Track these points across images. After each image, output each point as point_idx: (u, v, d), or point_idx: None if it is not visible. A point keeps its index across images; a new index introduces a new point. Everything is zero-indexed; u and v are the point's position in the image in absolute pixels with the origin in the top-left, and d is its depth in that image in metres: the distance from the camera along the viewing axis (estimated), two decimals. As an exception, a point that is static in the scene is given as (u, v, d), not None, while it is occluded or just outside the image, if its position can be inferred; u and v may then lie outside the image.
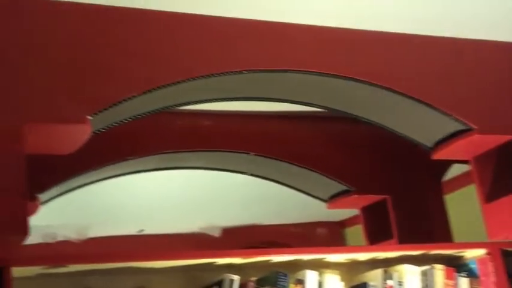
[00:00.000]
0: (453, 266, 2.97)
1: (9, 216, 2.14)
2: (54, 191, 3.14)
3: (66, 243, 4.92)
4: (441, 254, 3.03)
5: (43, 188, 2.99)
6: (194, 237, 5.60)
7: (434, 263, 2.94)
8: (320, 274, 2.84)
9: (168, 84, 2.48)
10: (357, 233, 4.82)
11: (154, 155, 3.23)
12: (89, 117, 2.32)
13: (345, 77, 2.75)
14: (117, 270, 2.67)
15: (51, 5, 2.39)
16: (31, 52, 2.32)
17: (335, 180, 3.45)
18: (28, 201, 2.30)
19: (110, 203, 4.60)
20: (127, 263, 2.61)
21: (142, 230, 5.60)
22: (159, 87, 2.45)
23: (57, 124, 2.30)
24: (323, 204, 3.79)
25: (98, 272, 2.65)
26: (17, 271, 2.35)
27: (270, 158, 3.38)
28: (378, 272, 2.89)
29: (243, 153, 3.34)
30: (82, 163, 3.02)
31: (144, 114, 2.66)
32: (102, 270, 2.65)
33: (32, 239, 2.28)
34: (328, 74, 2.70)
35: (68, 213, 4.22)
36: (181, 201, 4.68)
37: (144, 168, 3.41)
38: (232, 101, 2.89)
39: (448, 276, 2.92)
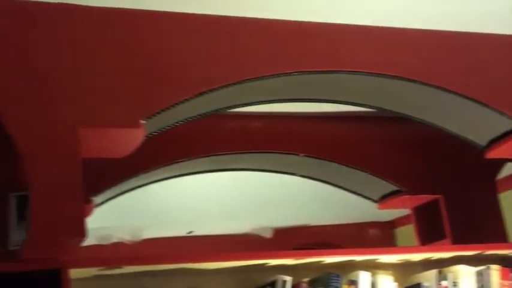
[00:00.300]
0: (509, 266, 2.92)
1: (67, 219, 2.18)
2: (107, 193, 3.20)
3: (118, 245, 4.99)
4: (496, 254, 2.99)
5: (97, 190, 3.05)
6: (243, 238, 5.63)
7: (489, 263, 2.90)
8: (373, 275, 2.82)
9: (219, 87, 2.49)
10: (407, 232, 4.78)
11: (204, 157, 3.26)
12: (143, 122, 2.36)
13: (396, 76, 2.72)
14: (170, 272, 2.71)
15: (105, 12, 2.43)
16: (86, 58, 2.37)
17: (386, 181, 3.42)
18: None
19: (160, 205, 4.65)
20: (180, 264, 2.63)
21: (191, 232, 5.65)
22: (210, 90, 2.47)
23: (112, 128, 2.35)
24: (372, 205, 3.76)
25: (151, 273, 2.69)
26: (74, 272, 2.40)
27: (320, 158, 3.37)
28: (432, 273, 2.87)
29: (293, 154, 3.34)
30: (134, 166, 3.07)
31: (195, 117, 2.69)
32: (156, 271, 2.69)
33: (87, 241, 2.32)
34: (379, 74, 2.68)
35: (119, 216, 4.28)
36: (231, 203, 4.70)
37: (195, 171, 3.44)
38: (282, 102, 2.89)
39: (504, 277, 2.88)
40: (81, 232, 2.18)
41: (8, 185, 2.52)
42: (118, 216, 4.25)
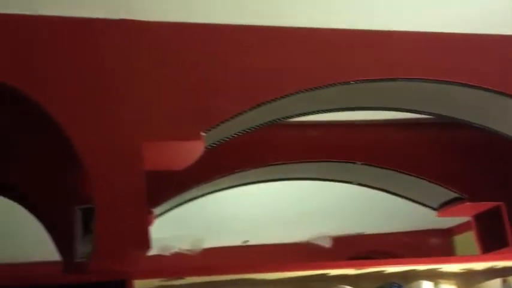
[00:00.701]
0: None
1: (132, 231, 2.22)
2: (166, 204, 3.24)
3: (177, 255, 5.04)
4: None
5: (157, 202, 3.09)
6: (298, 248, 5.61)
7: (556, 272, 2.84)
8: (435, 284, 2.79)
9: (277, 98, 2.51)
10: (466, 240, 4.70)
11: (262, 167, 3.27)
12: (203, 134, 2.39)
13: (454, 82, 2.69)
14: (231, 282, 2.73)
15: (164, 26, 2.47)
16: (148, 74, 2.41)
17: (446, 188, 3.37)
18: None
19: (216, 214, 4.68)
20: (241, 274, 2.65)
21: (247, 241, 5.67)
22: (268, 101, 2.49)
23: (173, 141, 2.38)
24: (430, 212, 3.71)
25: (213, 284, 2.72)
26: (138, 283, 2.44)
27: (378, 167, 3.34)
28: (496, 282, 2.82)
29: (350, 162, 3.32)
30: (193, 177, 3.09)
31: (253, 127, 2.70)
32: (217, 282, 2.71)
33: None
34: (437, 80, 2.65)
35: (177, 226, 4.32)
36: (287, 212, 4.70)
37: (252, 180, 3.45)
38: (339, 111, 2.89)
39: None
40: (146, 244, 2.21)
41: (73, 198, 2.58)
42: (176, 227, 4.29)
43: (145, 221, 2.25)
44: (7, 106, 2.50)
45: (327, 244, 5.31)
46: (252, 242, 5.63)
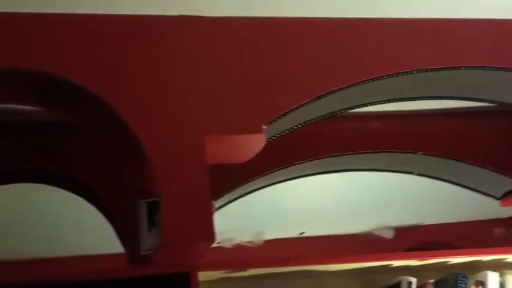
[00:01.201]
0: None
1: (197, 224, 2.25)
2: (226, 197, 3.26)
3: (234, 247, 5.07)
4: None
5: (217, 194, 3.11)
6: (355, 239, 5.58)
7: None
8: (501, 275, 2.74)
9: (338, 89, 2.50)
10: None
11: (321, 158, 3.26)
12: (264, 127, 2.39)
13: (517, 69, 2.63)
14: (293, 274, 2.74)
15: (227, 21, 2.49)
16: (210, 67, 2.43)
17: (510, 177, 3.30)
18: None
19: (272, 207, 4.69)
20: (303, 266, 2.66)
21: (303, 233, 5.66)
22: (329, 93, 2.48)
23: (235, 135, 2.40)
24: (492, 202, 3.64)
25: (275, 275, 2.74)
26: (201, 275, 2.47)
27: (439, 156, 3.30)
28: None
29: (411, 153, 3.28)
30: (252, 169, 3.11)
31: (314, 119, 2.70)
32: (279, 273, 2.72)
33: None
34: (502, 68, 2.59)
35: (236, 219, 4.35)
36: (345, 203, 4.68)
37: (311, 172, 3.45)
38: (400, 101, 2.85)
39: None
40: (211, 236, 2.24)
41: (137, 192, 2.63)
42: (234, 219, 4.32)
43: (210, 214, 2.28)
44: (73, 103, 2.55)
45: (389, 235, 5.26)
46: (308, 234, 5.62)
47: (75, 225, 4.42)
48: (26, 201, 3.89)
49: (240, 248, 5.00)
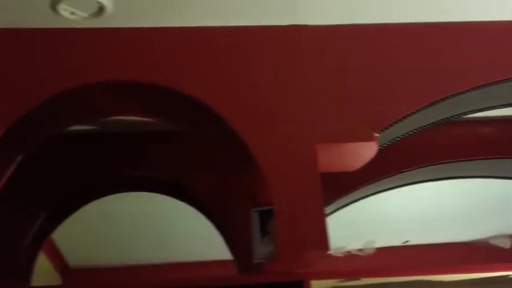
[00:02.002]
0: None
1: (311, 232, 2.25)
2: (334, 205, 3.25)
3: (348, 256, 5.03)
4: None
5: (326, 202, 3.10)
6: (467, 247, 5.42)
7: None
8: None
9: (450, 96, 2.44)
10: None
11: (431, 165, 3.19)
12: (377, 134, 2.37)
13: None
14: (405, 284, 2.69)
15: (330, 30, 2.49)
16: (319, 76, 2.44)
17: None
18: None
19: (378, 214, 4.63)
20: (418, 276, 2.61)
21: (407, 241, 5.55)
22: (442, 99, 2.43)
23: (347, 143, 2.39)
24: None
25: (386, 285, 2.70)
26: (314, 284, 2.47)
27: (556, 162, 3.16)
28: None
29: (525, 159, 3.17)
30: (360, 177, 3.08)
31: (426, 126, 2.65)
32: (392, 283, 2.68)
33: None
34: None
35: (341, 226, 4.32)
36: (452, 211, 4.56)
37: (420, 180, 3.38)
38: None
39: None
40: (325, 245, 2.23)
41: (247, 200, 2.66)
42: (341, 227, 4.30)
43: (323, 222, 2.27)
44: (182, 112, 2.61)
45: (507, 245, 5.07)
46: (413, 242, 5.51)
47: (180, 233, 4.52)
48: (139, 208, 4.03)
49: (349, 257, 4.96)
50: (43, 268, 4.09)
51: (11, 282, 2.73)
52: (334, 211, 3.43)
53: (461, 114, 2.75)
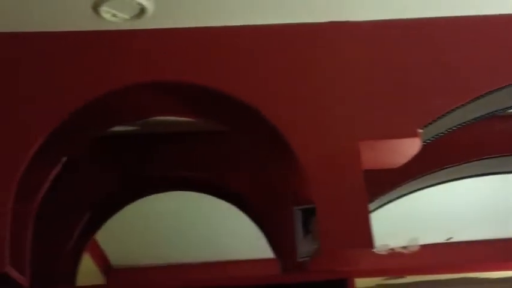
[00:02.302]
0: None
1: (355, 230, 2.23)
2: (377, 202, 3.22)
3: (392, 254, 4.98)
4: None
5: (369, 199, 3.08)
6: (504, 244, 5.33)
7: None
8: None
9: (495, 90, 2.40)
10: None
11: (474, 161, 3.14)
12: (420, 130, 2.34)
13: None
14: (451, 281, 2.65)
15: (370, 25, 2.47)
16: (360, 72, 2.42)
17: None
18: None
19: (419, 211, 4.58)
20: (463, 273, 2.57)
21: (450, 238, 5.49)
22: (487, 93, 2.39)
23: (389, 140, 2.36)
24: None
25: (432, 282, 2.66)
26: (358, 282, 2.45)
27: None
28: None
29: None
30: (403, 174, 3.05)
31: (469, 121, 2.61)
32: (437, 281, 2.65)
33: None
34: None
35: (383, 223, 4.29)
36: (496, 207, 4.49)
37: (464, 175, 3.33)
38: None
39: None
40: (370, 243, 2.21)
41: (289, 199, 2.65)
42: (382, 224, 4.26)
43: (367, 220, 2.25)
44: (224, 112, 2.62)
45: None
46: (455, 239, 5.44)
47: (228, 231, 4.53)
48: (182, 208, 4.06)
49: (392, 254, 4.92)
50: (87, 268, 4.15)
51: (56, 283, 2.77)
52: (377, 208, 3.40)
53: (505, 108, 2.70)
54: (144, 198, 3.33)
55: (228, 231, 4.47)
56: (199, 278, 4.59)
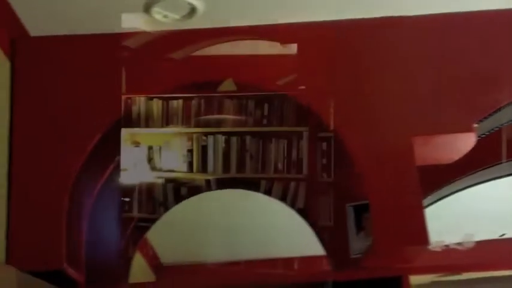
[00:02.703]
0: None
1: (410, 226, 2.22)
2: (429, 198, 3.18)
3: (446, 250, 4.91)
4: None
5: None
6: None
7: None
8: None
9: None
10: None
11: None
12: (475, 125, 2.31)
13: None
14: (507, 278, 2.61)
15: (423, 19, 2.43)
16: (413, 67, 2.39)
17: None
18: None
19: (471, 207, 4.51)
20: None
21: (503, 234, 5.39)
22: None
23: (444, 135, 2.33)
24: None
25: (488, 279, 2.63)
26: (412, 279, 2.42)
27: None
28: None
29: None
30: (458, 169, 3.00)
31: (523, 116, 2.55)
32: (493, 277, 2.61)
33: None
34: None
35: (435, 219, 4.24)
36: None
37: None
38: None
39: None
40: (425, 240, 2.20)
41: (341, 195, 2.64)
42: (438, 221, 4.21)
43: (422, 216, 2.24)
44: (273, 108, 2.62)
45: None
46: (509, 235, 5.33)
47: (280, 228, 4.53)
48: (232, 205, 4.07)
49: (447, 251, 4.85)
50: (138, 266, 4.19)
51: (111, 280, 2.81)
52: (431, 204, 3.36)
53: None
54: (196, 196, 3.35)
55: (281, 229, 4.45)
56: (250, 274, 4.60)
